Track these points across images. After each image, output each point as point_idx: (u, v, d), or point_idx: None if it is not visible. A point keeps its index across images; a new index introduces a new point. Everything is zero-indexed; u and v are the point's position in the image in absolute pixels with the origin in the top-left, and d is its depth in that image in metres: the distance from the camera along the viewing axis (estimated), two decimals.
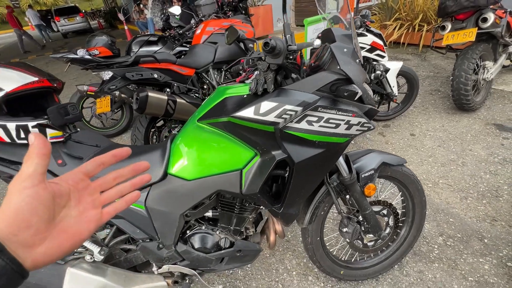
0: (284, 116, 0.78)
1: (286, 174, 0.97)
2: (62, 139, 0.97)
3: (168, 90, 2.07)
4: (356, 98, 0.80)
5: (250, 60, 1.10)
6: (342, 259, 1.34)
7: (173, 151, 0.98)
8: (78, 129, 1.02)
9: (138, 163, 0.39)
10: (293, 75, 0.89)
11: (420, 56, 4.32)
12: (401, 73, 2.44)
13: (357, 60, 0.85)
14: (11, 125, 0.86)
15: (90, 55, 2.68)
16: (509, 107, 2.66)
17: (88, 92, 2.62)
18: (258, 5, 4.27)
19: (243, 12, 2.82)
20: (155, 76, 1.99)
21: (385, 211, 1.22)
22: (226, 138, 0.90)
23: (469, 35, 2.24)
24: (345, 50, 0.84)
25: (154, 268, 1.11)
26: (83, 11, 15.54)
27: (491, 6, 2.20)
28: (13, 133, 0.87)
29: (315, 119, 0.79)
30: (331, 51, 0.82)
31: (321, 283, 1.37)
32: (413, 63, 4.08)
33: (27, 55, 9.83)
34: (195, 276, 1.12)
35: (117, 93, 2.36)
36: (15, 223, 0.26)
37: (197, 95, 2.29)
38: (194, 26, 2.81)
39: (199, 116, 0.91)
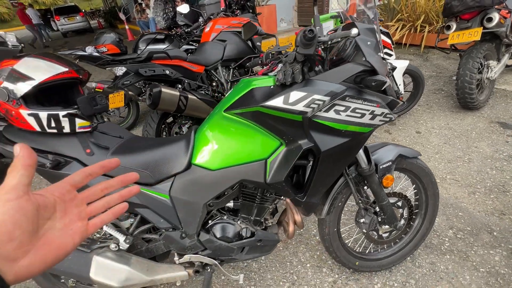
0: (312, 105, 0.81)
1: (309, 164, 1.00)
2: (89, 129, 0.98)
3: (179, 86, 2.09)
4: (382, 89, 0.82)
5: (270, 54, 1.13)
6: (357, 250, 1.37)
7: (197, 141, 1.00)
8: (105, 120, 1.03)
9: (126, 174, 0.38)
10: (316, 68, 0.91)
11: (422, 57, 4.38)
12: (407, 72, 2.47)
13: (379, 53, 0.88)
14: (43, 114, 0.88)
15: (98, 52, 2.69)
16: None
17: (96, 89, 2.63)
18: (262, 5, 4.31)
19: (250, 10, 2.85)
20: (167, 72, 2.01)
21: (400, 203, 1.25)
22: (252, 128, 0.92)
23: (474, 34, 2.29)
24: (368, 43, 0.86)
25: (176, 258, 1.13)
26: (83, 10, 15.49)
27: (496, 6, 2.24)
28: (44, 122, 0.89)
29: (342, 108, 0.82)
30: (357, 43, 0.85)
31: (335, 274, 1.40)
32: (415, 63, 4.13)
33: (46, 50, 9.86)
34: (215, 265, 1.14)
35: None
36: None
37: (206, 92, 2.31)
38: (202, 24, 2.83)
39: (225, 107, 0.94)
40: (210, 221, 1.09)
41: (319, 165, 0.91)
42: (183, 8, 2.91)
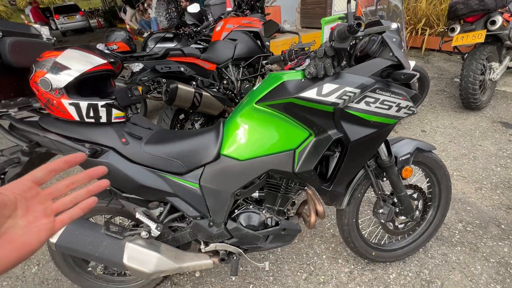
0: (344, 97, 0.86)
1: (334, 155, 1.04)
2: (123, 120, 1.02)
3: (193, 83, 2.13)
4: (411, 81, 0.88)
5: (293, 51, 1.18)
6: (373, 241, 1.41)
7: (226, 133, 1.04)
8: (138, 111, 1.07)
9: (94, 168, 0.37)
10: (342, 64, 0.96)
11: (423, 59, 4.47)
12: None
13: (402, 50, 0.93)
14: (83, 104, 0.91)
15: (109, 49, 2.72)
16: None
17: None
18: (267, 6, 4.37)
19: (259, 11, 2.91)
20: (182, 69, 2.05)
21: (415, 195, 1.30)
22: (282, 119, 0.97)
23: (478, 36, 2.36)
24: (394, 39, 0.92)
25: (202, 246, 1.17)
26: (83, 9, 15.44)
27: (499, 10, 2.32)
28: (84, 112, 0.92)
29: (372, 100, 0.87)
30: (383, 40, 0.90)
31: (351, 265, 1.44)
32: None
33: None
34: (240, 254, 1.17)
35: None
36: None
37: (218, 89, 2.35)
38: (212, 24, 2.87)
39: (256, 99, 0.98)
40: (236, 210, 1.13)
41: (347, 155, 0.95)
42: (193, 8, 2.95)
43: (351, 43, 0.90)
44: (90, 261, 1.17)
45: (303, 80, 0.92)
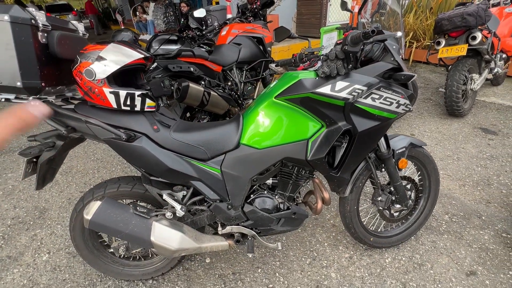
0: (353, 93, 1.00)
1: (342, 145, 1.18)
2: (154, 109, 1.12)
3: (203, 83, 2.24)
4: (410, 81, 1.03)
5: (304, 55, 1.33)
6: (371, 229, 1.55)
7: (245, 124, 1.16)
8: (168, 102, 1.18)
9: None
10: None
11: (411, 70, 4.77)
12: None
13: (401, 56, 1.09)
14: (123, 93, 1.01)
15: None
16: (491, 114, 3.07)
17: None
18: (267, 14, 4.57)
19: (262, 18, 3.07)
20: (191, 69, 2.16)
21: (408, 186, 1.45)
22: (298, 112, 1.10)
23: (461, 50, 2.62)
24: (394, 47, 1.08)
25: (219, 228, 1.27)
26: (75, 9, 15.27)
27: (479, 27, 2.59)
28: (122, 100, 1.02)
29: (377, 96, 1.02)
30: (386, 47, 1.06)
31: (351, 251, 1.58)
32: None
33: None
34: (254, 236, 1.28)
35: None
36: None
37: (224, 90, 2.47)
38: (217, 28, 3.01)
39: (275, 94, 1.10)
40: (252, 195, 1.24)
41: (354, 144, 1.09)
42: (199, 13, 3.08)
43: (361, 47, 1.05)
44: (113, 242, 1.25)
45: (317, 78, 1.06)
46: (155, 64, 1.97)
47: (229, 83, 2.61)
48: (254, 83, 2.80)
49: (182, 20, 6.22)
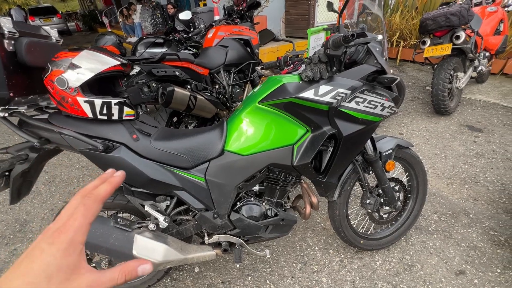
0: (337, 97, 0.98)
1: (328, 150, 1.17)
2: (133, 118, 1.08)
3: (189, 87, 2.20)
4: (393, 84, 1.02)
5: (288, 58, 1.31)
6: (361, 231, 1.54)
7: (229, 130, 1.13)
8: (147, 110, 1.13)
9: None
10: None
11: (398, 69, 4.83)
12: None
13: (384, 58, 1.08)
14: (98, 102, 0.96)
15: None
16: (476, 112, 3.12)
17: None
18: (255, 16, 4.55)
19: (249, 20, 3.04)
20: (177, 73, 2.11)
21: (397, 187, 1.45)
22: (282, 117, 1.07)
23: (445, 49, 2.65)
24: (377, 49, 1.07)
25: (206, 238, 1.23)
26: (60, 12, 14.93)
27: (462, 26, 2.63)
28: (97, 109, 0.98)
29: (361, 100, 1.00)
30: (369, 49, 1.04)
31: (341, 255, 1.56)
32: None
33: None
34: (241, 244, 1.25)
35: None
36: None
37: (211, 93, 2.43)
38: (204, 31, 2.97)
39: (258, 99, 1.08)
40: (238, 203, 1.21)
41: (340, 149, 1.07)
42: (185, 15, 3.03)
43: (343, 51, 1.03)
44: (95, 256, 1.19)
45: (300, 82, 1.03)
46: (138, 68, 1.92)
47: (217, 86, 2.57)
48: (242, 85, 2.77)
49: (169, 22, 6.15)
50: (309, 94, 0.98)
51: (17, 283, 0.25)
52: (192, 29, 3.81)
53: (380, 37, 1.00)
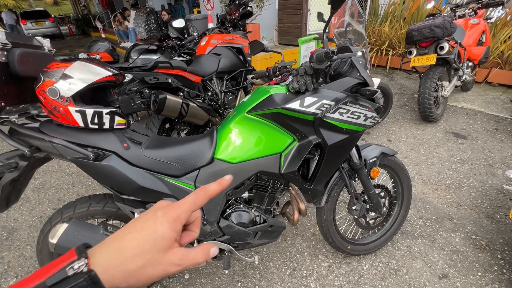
0: (322, 108, 1.03)
1: (314, 158, 1.21)
2: (124, 127, 1.10)
3: (181, 94, 2.22)
4: (373, 97, 1.07)
5: (277, 68, 1.35)
6: (348, 237, 1.58)
7: (219, 139, 1.16)
8: (138, 118, 1.16)
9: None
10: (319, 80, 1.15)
11: (387, 76, 4.96)
12: (378, 88, 2.87)
13: (367, 70, 1.14)
14: (89, 111, 0.99)
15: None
16: (461, 119, 3.23)
17: None
18: (248, 24, 4.62)
19: (241, 28, 3.11)
20: (169, 81, 2.14)
21: (382, 194, 1.50)
22: (270, 127, 1.11)
23: (430, 59, 2.75)
24: (360, 62, 1.12)
25: (195, 245, 1.25)
26: (53, 16, 14.82)
27: (446, 38, 2.74)
28: (89, 118, 1.00)
29: (344, 111, 1.05)
30: (352, 62, 1.10)
31: (330, 260, 1.59)
32: None
33: None
34: (230, 251, 1.27)
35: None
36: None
37: (203, 100, 2.46)
38: (197, 38, 3.01)
39: (247, 109, 1.12)
40: (228, 210, 1.23)
41: (325, 157, 1.12)
42: (178, 23, 3.08)
43: (327, 64, 1.08)
44: None
45: (287, 94, 1.08)
46: (131, 76, 1.94)
47: (209, 93, 2.61)
48: (235, 92, 2.81)
49: (163, 28, 6.18)
50: (295, 105, 1.02)
51: (130, 237, 0.30)
52: (185, 36, 3.85)
53: (359, 53, 1.05)
